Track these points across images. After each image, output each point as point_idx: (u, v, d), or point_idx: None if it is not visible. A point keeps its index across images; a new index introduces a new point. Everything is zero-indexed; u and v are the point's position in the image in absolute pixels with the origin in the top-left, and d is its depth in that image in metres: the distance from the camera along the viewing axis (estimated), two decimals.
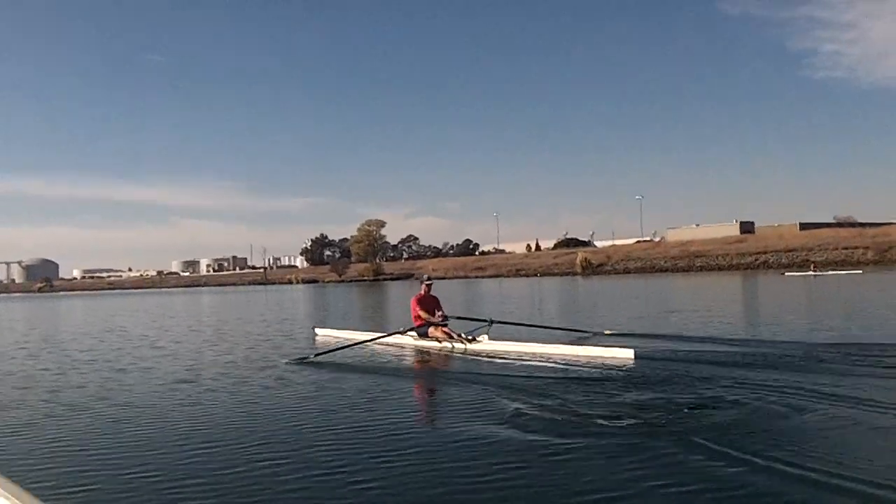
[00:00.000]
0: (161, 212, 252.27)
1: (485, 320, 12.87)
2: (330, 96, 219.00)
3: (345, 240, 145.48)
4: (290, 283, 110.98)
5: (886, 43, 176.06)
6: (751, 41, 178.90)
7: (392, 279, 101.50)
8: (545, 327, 14.74)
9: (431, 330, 12.95)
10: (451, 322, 13.02)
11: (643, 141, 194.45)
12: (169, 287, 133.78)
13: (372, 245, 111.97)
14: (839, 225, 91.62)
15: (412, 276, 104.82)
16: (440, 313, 13.14)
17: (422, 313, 13.18)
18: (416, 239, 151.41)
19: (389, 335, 13.52)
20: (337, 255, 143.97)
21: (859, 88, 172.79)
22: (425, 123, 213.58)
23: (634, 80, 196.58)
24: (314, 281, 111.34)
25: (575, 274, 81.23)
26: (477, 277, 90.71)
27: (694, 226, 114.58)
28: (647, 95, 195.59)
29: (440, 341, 12.67)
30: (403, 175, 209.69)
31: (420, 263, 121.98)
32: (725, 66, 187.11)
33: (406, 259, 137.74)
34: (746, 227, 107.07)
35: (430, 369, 11.08)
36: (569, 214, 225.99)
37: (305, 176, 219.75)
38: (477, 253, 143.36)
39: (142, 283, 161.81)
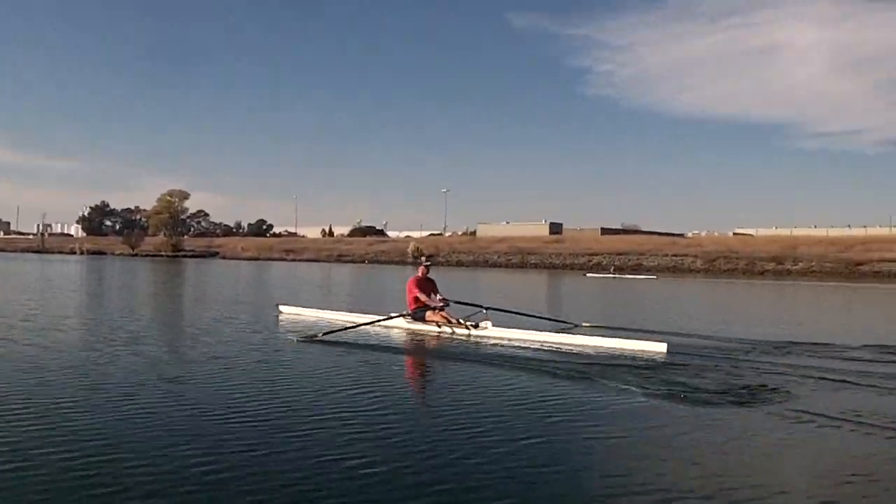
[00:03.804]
0: None
1: (479, 306, 12.80)
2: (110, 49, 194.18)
3: (129, 210, 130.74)
4: (73, 253, 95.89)
5: (656, 68, 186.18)
6: (535, 54, 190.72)
7: (192, 256, 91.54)
8: (536, 316, 14.62)
9: (429, 314, 12.66)
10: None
11: (443, 140, 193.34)
12: None
13: (173, 218, 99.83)
14: (631, 232, 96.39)
15: (216, 254, 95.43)
16: (439, 297, 12.90)
17: (420, 296, 12.83)
18: (207, 215, 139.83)
19: (389, 318, 13.11)
20: (118, 226, 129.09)
21: (629, 108, 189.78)
22: (207, 99, 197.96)
23: (436, 79, 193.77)
24: (101, 253, 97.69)
25: (406, 263, 76.68)
26: (294, 260, 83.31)
27: (505, 223, 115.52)
28: (446, 96, 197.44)
29: (439, 325, 12.46)
30: (188, 145, 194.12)
31: (220, 241, 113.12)
32: (513, 74, 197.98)
33: (195, 235, 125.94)
34: (556, 229, 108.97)
35: (435, 355, 10.79)
36: (359, 203, 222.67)
37: (81, 133, 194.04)
38: (268, 235, 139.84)
39: None
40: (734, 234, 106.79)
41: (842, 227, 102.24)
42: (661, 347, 10.49)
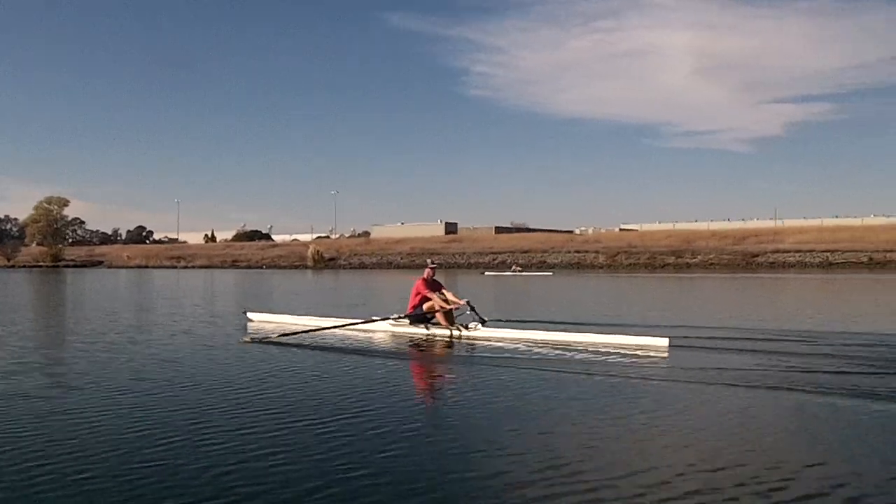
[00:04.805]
0: None
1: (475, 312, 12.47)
2: None
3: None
4: None
5: (533, 70, 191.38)
6: (412, 55, 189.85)
7: (75, 266, 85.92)
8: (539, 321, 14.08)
9: (438, 315, 12.34)
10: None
11: (327, 142, 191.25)
12: None
13: (52, 226, 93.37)
14: (523, 230, 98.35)
15: (100, 262, 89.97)
16: (451, 295, 12.57)
17: (429, 295, 12.43)
18: (83, 223, 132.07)
19: (383, 320, 12.87)
20: None
21: (509, 109, 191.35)
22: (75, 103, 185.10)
23: (314, 80, 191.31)
24: None
25: (306, 267, 74.84)
26: (185, 267, 79.60)
27: (400, 224, 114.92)
28: (326, 96, 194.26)
29: (427, 328, 12.31)
30: (55, 152, 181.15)
31: (102, 250, 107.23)
32: (392, 74, 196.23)
33: (72, 244, 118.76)
34: (451, 228, 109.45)
35: (432, 358, 10.48)
36: (241, 207, 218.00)
37: None
38: (148, 242, 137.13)
39: None
40: (620, 229, 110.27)
41: (721, 221, 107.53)
42: (662, 342, 10.29)
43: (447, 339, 11.79)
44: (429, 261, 14.48)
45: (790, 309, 20.02)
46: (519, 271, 54.34)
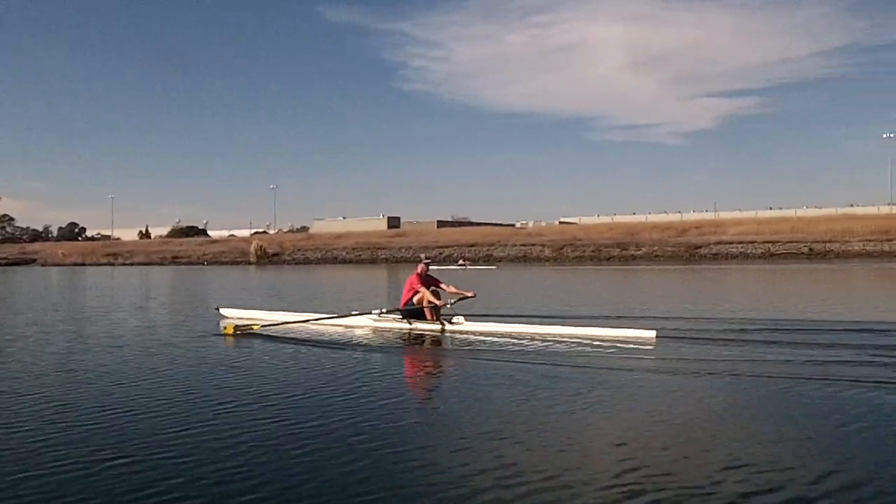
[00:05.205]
0: None
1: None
2: None
3: None
4: None
5: (470, 64, 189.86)
6: (349, 48, 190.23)
7: (6, 264, 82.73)
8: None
9: (426, 310, 12.34)
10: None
11: (265, 137, 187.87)
12: None
13: None
14: (465, 224, 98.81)
15: (33, 260, 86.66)
16: (452, 288, 12.64)
17: (421, 289, 12.35)
18: (12, 219, 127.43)
19: (364, 314, 12.78)
20: None
21: (447, 103, 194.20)
22: None
23: (250, 73, 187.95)
24: None
25: (248, 263, 73.46)
26: (124, 264, 77.34)
27: (341, 218, 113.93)
28: (263, 90, 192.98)
29: (410, 323, 12.27)
30: None
31: (35, 247, 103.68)
32: (328, 70, 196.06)
33: (1, 242, 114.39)
34: (394, 223, 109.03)
35: (422, 352, 10.49)
36: (174, 203, 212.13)
37: None
38: (81, 238, 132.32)
39: None
40: (560, 222, 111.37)
41: (659, 214, 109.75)
42: (648, 334, 10.35)
43: (432, 333, 11.76)
44: (422, 256, 14.45)
45: (741, 299, 20.32)
46: (468, 265, 53.75)
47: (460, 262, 56.77)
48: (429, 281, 12.77)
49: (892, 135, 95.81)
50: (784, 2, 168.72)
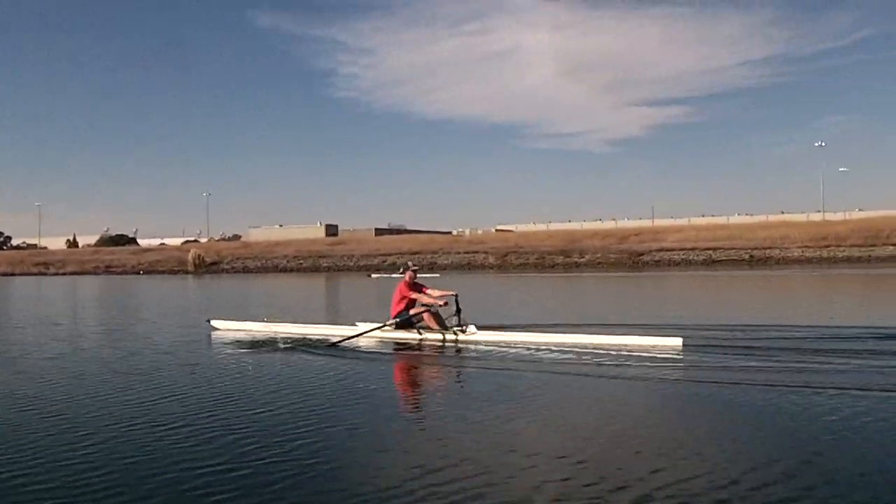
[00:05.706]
0: None
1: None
2: None
3: None
4: None
5: (400, 72, 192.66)
6: (279, 55, 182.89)
7: None
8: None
9: (427, 319, 12.34)
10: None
11: (194, 144, 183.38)
12: None
13: None
14: (402, 231, 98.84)
15: None
16: (439, 292, 12.61)
17: (412, 295, 12.58)
18: None
19: (378, 328, 12.49)
20: None
21: (377, 110, 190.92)
22: None
23: (178, 78, 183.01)
24: None
25: (186, 272, 71.66)
26: (56, 274, 74.77)
27: (278, 226, 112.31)
28: (192, 96, 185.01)
29: (420, 333, 12.19)
30: None
31: None
32: (258, 76, 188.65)
33: None
34: (332, 230, 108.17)
35: (433, 363, 10.56)
36: (101, 211, 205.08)
37: None
38: (5, 248, 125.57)
39: None
40: (497, 230, 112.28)
41: (594, 221, 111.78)
42: (677, 342, 10.43)
43: (440, 344, 11.71)
44: (409, 263, 14.61)
45: (741, 303, 20.86)
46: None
47: (402, 269, 55.75)
48: (416, 288, 12.89)
49: (823, 143, 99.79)
50: (709, 13, 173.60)
